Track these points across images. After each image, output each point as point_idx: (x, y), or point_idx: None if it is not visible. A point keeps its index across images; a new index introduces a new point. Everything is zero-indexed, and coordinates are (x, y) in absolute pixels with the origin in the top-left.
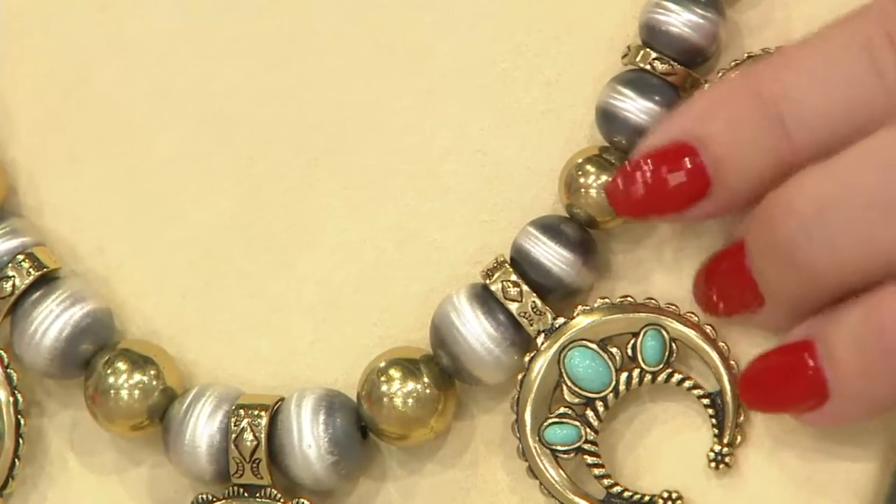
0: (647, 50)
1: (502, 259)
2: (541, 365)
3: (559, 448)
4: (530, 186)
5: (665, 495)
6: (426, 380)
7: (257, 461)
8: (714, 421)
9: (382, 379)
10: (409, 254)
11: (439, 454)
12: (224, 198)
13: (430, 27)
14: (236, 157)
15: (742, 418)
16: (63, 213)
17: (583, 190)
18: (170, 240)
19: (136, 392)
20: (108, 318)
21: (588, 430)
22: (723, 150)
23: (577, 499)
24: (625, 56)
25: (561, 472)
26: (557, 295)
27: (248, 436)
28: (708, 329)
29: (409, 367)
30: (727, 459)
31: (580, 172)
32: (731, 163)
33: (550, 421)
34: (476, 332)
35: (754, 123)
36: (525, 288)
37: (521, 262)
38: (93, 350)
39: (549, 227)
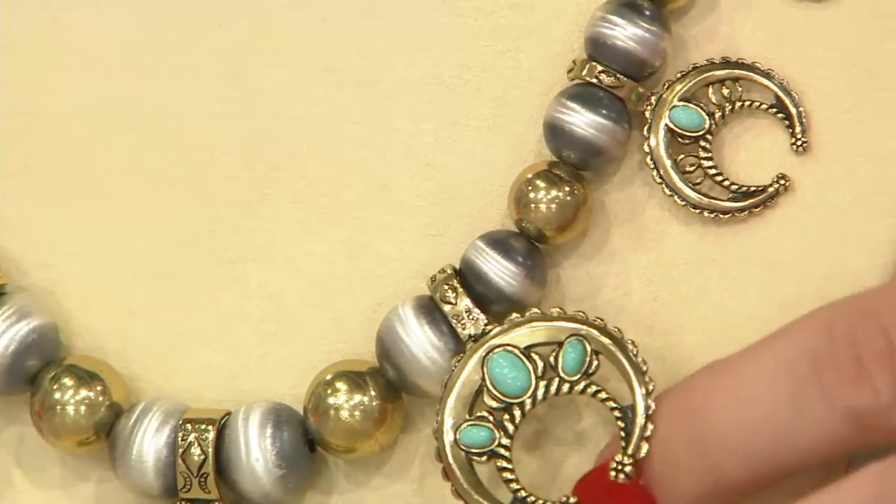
0: (594, 63)
1: (449, 270)
2: (464, 368)
3: (473, 450)
4: (479, 201)
5: (565, 501)
6: (372, 392)
7: (205, 475)
8: (623, 434)
9: (329, 392)
10: (359, 267)
11: (386, 467)
12: (173, 212)
13: (381, 43)
14: (186, 171)
15: (649, 433)
16: (9, 227)
17: (532, 205)
18: (117, 254)
19: (83, 408)
20: (54, 333)
21: (502, 434)
22: (656, 471)
23: (483, 502)
24: (570, 70)
25: (472, 475)
26: (501, 307)
27: (196, 450)
28: (629, 344)
29: (356, 379)
30: (627, 469)
31: (530, 188)
32: (665, 484)
33: (468, 423)
34: (420, 342)
35: (682, 447)
36: (460, 290)
37: (468, 275)
38: (39, 366)
39: (498, 241)
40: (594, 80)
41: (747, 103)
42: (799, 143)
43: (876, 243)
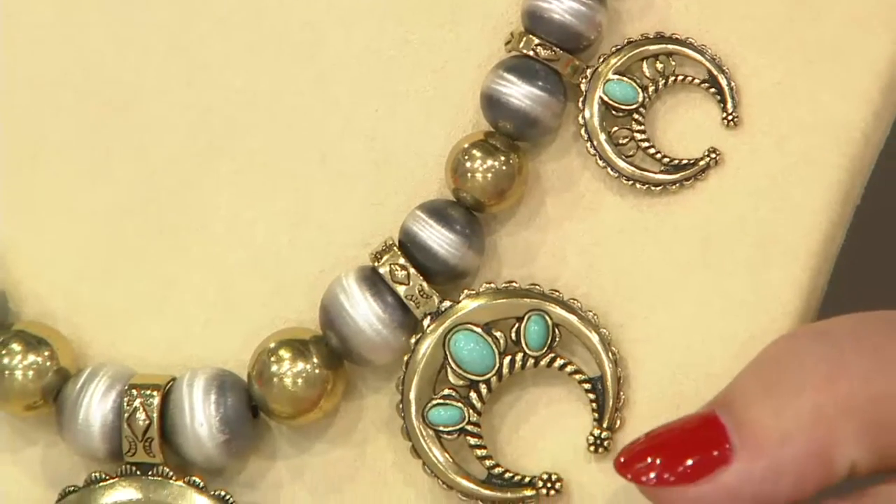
0: (530, 36)
1: (391, 242)
2: (426, 347)
3: (442, 429)
4: (418, 171)
5: (545, 476)
6: (315, 360)
7: (150, 440)
8: (594, 405)
9: (272, 359)
10: (300, 236)
11: (328, 433)
12: (117, 181)
13: (322, 17)
14: (131, 143)
15: (622, 403)
16: None
17: (469, 174)
18: (64, 223)
19: (30, 372)
20: (2, 300)
21: (471, 411)
22: None
23: (458, 479)
24: (508, 42)
25: (444, 452)
26: (443, 277)
27: (141, 415)
28: (590, 315)
29: (299, 347)
30: (606, 443)
31: (467, 157)
32: None
33: (434, 402)
34: (364, 313)
35: None
36: (412, 271)
37: (408, 245)
38: None
39: (436, 210)
40: (531, 53)
41: (680, 78)
42: (730, 117)
43: (806, 212)
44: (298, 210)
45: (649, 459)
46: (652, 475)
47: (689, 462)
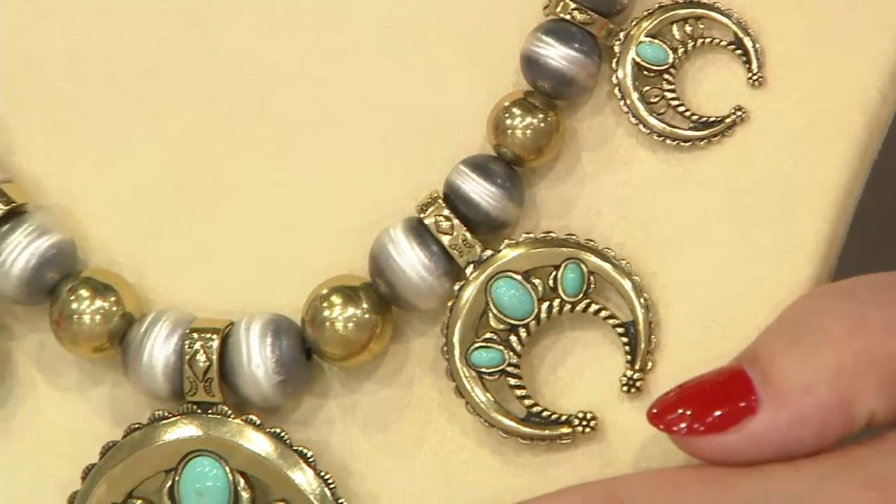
0: (567, 1)
1: (436, 195)
2: (469, 293)
3: (484, 370)
4: (461, 129)
5: (581, 415)
6: (365, 305)
7: (209, 380)
8: (627, 348)
9: (325, 305)
10: (350, 191)
11: (377, 374)
12: (176, 137)
13: None
14: (185, 100)
15: (653, 346)
16: (31, 154)
17: (509, 131)
18: (128, 178)
19: (98, 317)
20: (71, 248)
21: (511, 354)
22: None
23: (499, 417)
24: (546, 7)
25: (486, 392)
26: (485, 227)
27: (201, 357)
28: (623, 263)
29: (350, 293)
30: (638, 384)
31: (507, 115)
32: None
33: (477, 345)
34: (411, 261)
35: None
36: (456, 222)
37: (452, 198)
38: (57, 278)
39: (478, 165)
40: (568, 17)
41: (708, 40)
42: (755, 77)
43: (827, 167)
44: (349, 166)
45: (680, 410)
46: (683, 425)
47: (718, 413)
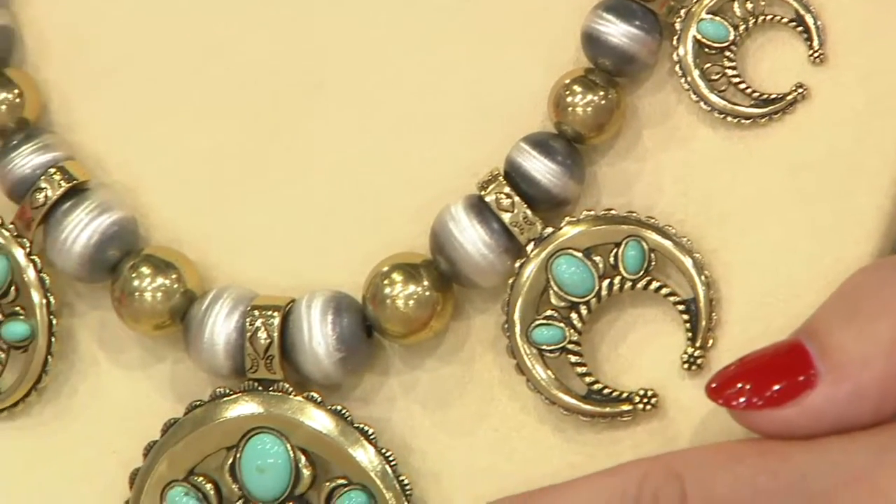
0: None
1: (496, 172)
2: (530, 270)
3: (545, 347)
4: (522, 106)
5: (641, 392)
6: (426, 283)
7: (271, 357)
8: (688, 325)
9: (386, 282)
10: (411, 168)
11: (438, 351)
12: (236, 118)
13: None
14: (244, 80)
15: (714, 323)
16: (94, 132)
17: (570, 108)
18: (189, 157)
19: (159, 294)
20: (133, 226)
21: (572, 331)
22: None
23: (560, 394)
24: None
25: (547, 369)
26: (546, 205)
27: (263, 334)
28: (684, 240)
29: (411, 271)
30: (699, 361)
31: (568, 92)
32: None
33: (538, 322)
34: (472, 239)
35: None
36: (517, 199)
37: (513, 175)
38: (119, 255)
39: (539, 142)
40: None
41: (769, 17)
42: (816, 54)
43: (887, 143)
44: (410, 144)
45: (739, 385)
46: (742, 399)
47: (777, 387)
